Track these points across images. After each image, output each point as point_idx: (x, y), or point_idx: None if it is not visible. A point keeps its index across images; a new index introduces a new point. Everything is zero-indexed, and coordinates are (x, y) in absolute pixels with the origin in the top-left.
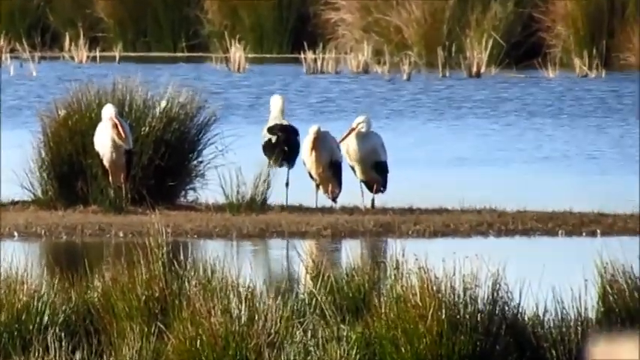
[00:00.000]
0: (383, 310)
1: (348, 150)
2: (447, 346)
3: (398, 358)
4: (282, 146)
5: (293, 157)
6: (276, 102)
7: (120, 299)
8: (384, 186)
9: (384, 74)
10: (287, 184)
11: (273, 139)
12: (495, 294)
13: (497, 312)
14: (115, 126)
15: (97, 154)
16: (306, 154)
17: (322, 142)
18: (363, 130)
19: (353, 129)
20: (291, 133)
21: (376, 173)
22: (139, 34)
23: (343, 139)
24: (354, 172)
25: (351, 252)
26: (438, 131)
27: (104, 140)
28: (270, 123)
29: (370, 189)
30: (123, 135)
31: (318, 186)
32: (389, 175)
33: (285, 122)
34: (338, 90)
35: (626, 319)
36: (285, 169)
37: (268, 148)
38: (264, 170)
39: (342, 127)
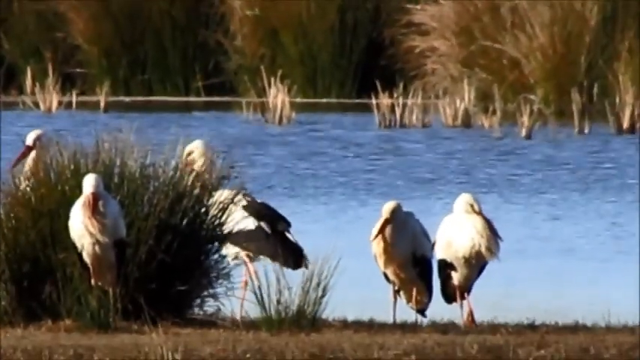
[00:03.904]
0: None
1: (478, 246)
2: None
3: None
4: (285, 244)
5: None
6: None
7: None
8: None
9: (492, 129)
10: None
11: (266, 227)
12: None
13: None
14: (89, 205)
15: (74, 246)
16: (374, 245)
17: (399, 227)
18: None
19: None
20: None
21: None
22: (134, 70)
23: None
24: (449, 275)
25: None
26: (574, 215)
27: (82, 227)
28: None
29: (461, 296)
30: (96, 224)
31: (397, 292)
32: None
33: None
34: (426, 152)
35: None
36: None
37: (265, 240)
38: (313, 269)
39: (433, 208)
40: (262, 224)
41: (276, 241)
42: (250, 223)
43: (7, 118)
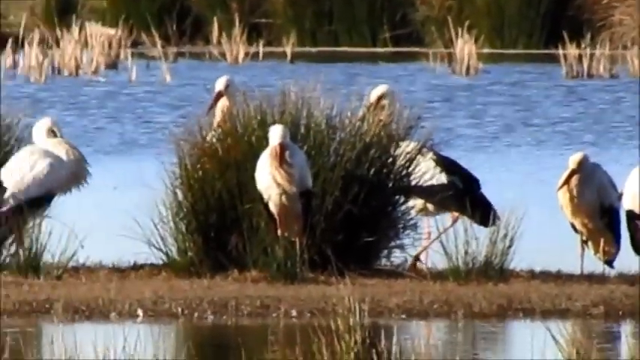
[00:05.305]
0: None
1: None
2: None
3: None
4: (475, 201)
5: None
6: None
7: None
8: None
9: None
10: None
11: (458, 182)
12: None
13: None
14: (276, 156)
15: (260, 197)
16: (560, 196)
17: (586, 177)
18: None
19: None
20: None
21: None
22: (320, 20)
23: None
24: (637, 226)
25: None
26: None
27: (269, 177)
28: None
29: None
30: (283, 174)
31: (584, 242)
32: None
33: None
34: (613, 102)
35: None
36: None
37: (455, 195)
38: (500, 220)
39: (622, 157)
40: (455, 179)
41: (465, 196)
42: (443, 177)
43: (193, 69)
